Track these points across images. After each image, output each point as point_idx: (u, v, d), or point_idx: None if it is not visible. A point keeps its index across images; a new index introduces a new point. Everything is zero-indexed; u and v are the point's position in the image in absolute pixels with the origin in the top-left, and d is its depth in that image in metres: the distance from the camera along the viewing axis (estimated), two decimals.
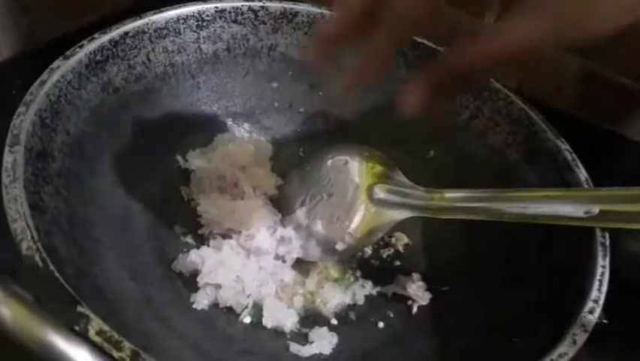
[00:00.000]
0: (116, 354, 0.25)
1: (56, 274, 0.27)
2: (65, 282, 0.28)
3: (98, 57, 0.41)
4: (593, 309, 0.32)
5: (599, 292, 0.33)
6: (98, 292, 0.33)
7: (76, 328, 0.26)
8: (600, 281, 0.34)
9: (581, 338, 0.30)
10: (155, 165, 0.45)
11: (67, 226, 0.34)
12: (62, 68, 0.38)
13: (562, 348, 0.30)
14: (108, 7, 0.57)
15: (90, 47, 0.40)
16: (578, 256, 0.36)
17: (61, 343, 0.19)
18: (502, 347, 0.34)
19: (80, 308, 0.26)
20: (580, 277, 0.34)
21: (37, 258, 0.28)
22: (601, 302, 0.32)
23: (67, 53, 0.39)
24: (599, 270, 0.34)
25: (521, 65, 0.55)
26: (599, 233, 0.36)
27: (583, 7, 0.27)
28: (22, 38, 0.53)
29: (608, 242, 0.36)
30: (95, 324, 0.26)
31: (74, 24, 0.55)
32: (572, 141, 0.43)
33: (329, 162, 0.46)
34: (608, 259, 0.35)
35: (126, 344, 0.25)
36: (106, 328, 0.26)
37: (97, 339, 0.25)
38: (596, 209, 0.37)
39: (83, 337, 0.22)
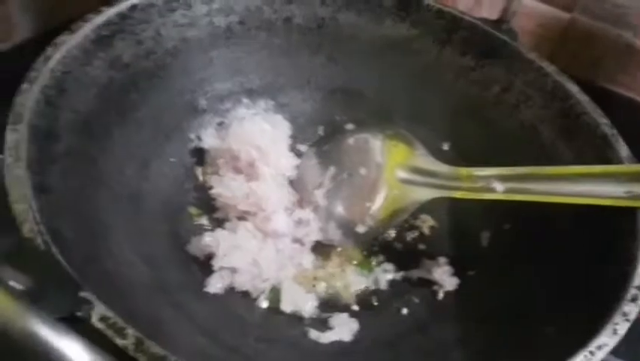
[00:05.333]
0: (119, 342, 0.24)
1: (58, 257, 0.26)
2: (70, 266, 0.26)
3: (105, 32, 0.39)
4: (636, 296, 0.29)
5: None
6: (105, 277, 0.31)
7: (79, 314, 0.24)
8: None
9: (623, 327, 0.28)
10: (168, 145, 0.44)
11: (75, 208, 0.33)
12: (68, 43, 0.36)
13: (602, 339, 0.27)
14: None
15: (96, 20, 0.38)
16: (619, 238, 0.33)
17: (47, 334, 0.17)
18: (533, 336, 0.32)
19: (82, 293, 0.25)
20: (620, 261, 0.32)
21: (39, 240, 0.26)
22: None
23: (73, 27, 0.37)
24: None
25: None
26: None
27: None
28: (41, 18, 0.52)
29: None
30: (99, 310, 0.24)
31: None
32: (611, 117, 0.40)
33: (349, 141, 0.44)
34: None
35: (130, 331, 0.24)
36: (109, 314, 0.24)
37: (100, 325, 0.24)
38: (638, 188, 0.35)
39: (76, 326, 0.21)
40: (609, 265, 0.32)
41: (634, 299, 0.29)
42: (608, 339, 0.27)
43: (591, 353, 0.27)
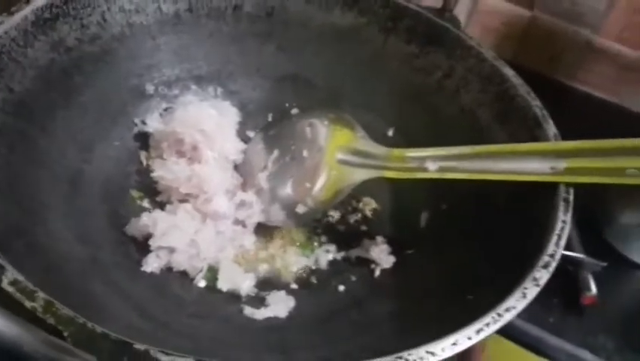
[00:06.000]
0: (28, 304, 0.24)
1: None
2: None
3: (47, 14, 0.39)
4: (548, 263, 0.30)
5: (556, 247, 0.31)
6: (35, 251, 0.32)
7: None
8: (559, 236, 0.32)
9: (532, 292, 0.29)
10: (113, 129, 0.44)
11: (6, 184, 0.33)
12: (5, 24, 0.37)
13: (510, 302, 0.28)
14: None
15: (37, 3, 0.39)
16: (540, 211, 0.34)
17: None
18: (456, 306, 0.33)
19: None
20: (540, 232, 0.33)
21: None
22: (557, 257, 0.31)
23: (13, 9, 0.38)
24: (559, 225, 0.33)
25: None
26: (562, 188, 0.35)
27: None
28: None
29: (571, 198, 0.34)
30: (10, 274, 0.25)
31: None
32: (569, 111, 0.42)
33: (293, 125, 0.45)
34: (569, 214, 0.33)
35: (40, 295, 0.24)
36: (20, 278, 0.25)
37: (10, 289, 0.24)
38: (562, 164, 0.36)
39: None
40: (530, 237, 0.33)
41: (545, 266, 0.30)
42: (516, 302, 0.28)
43: (499, 315, 0.28)
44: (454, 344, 0.26)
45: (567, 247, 0.51)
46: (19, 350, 0.17)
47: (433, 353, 0.25)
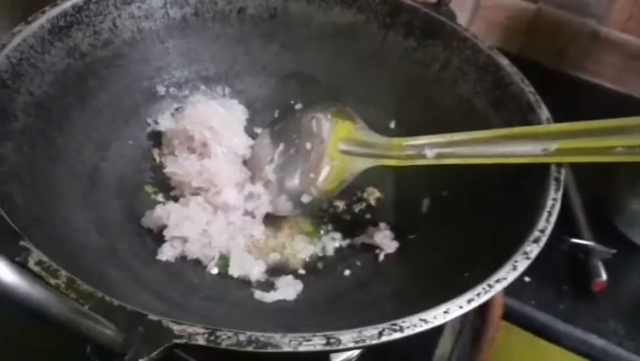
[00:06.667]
0: (52, 281, 0.26)
1: (2, 213, 0.29)
2: (15, 223, 0.29)
3: (61, 22, 0.42)
4: (539, 238, 0.32)
5: (546, 223, 0.33)
6: (55, 239, 0.34)
7: (17, 259, 0.27)
8: (549, 213, 0.33)
9: (522, 264, 0.30)
10: (126, 128, 0.46)
11: (29, 179, 0.36)
12: (24, 33, 0.39)
13: (500, 274, 0.30)
14: None
15: (52, 12, 0.41)
16: (533, 190, 0.36)
17: None
18: (454, 283, 0.34)
19: (21, 242, 0.28)
20: (531, 209, 0.34)
21: None
22: (547, 232, 0.32)
23: (30, 18, 0.40)
24: (550, 202, 0.34)
25: None
26: (553, 168, 0.36)
27: None
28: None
29: (562, 177, 0.36)
30: (35, 255, 0.27)
31: None
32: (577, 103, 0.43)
33: (297, 120, 0.47)
34: (560, 192, 0.35)
35: (63, 273, 0.27)
36: (44, 258, 0.27)
37: (36, 268, 0.27)
38: (553, 146, 0.37)
39: None
40: (521, 213, 0.35)
41: (536, 240, 0.32)
42: (507, 274, 0.30)
43: (490, 285, 0.29)
44: (445, 312, 0.28)
45: (577, 235, 0.53)
46: (46, 312, 0.19)
47: (425, 321, 0.27)
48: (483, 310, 0.48)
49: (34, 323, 0.21)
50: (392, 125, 0.50)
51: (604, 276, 0.50)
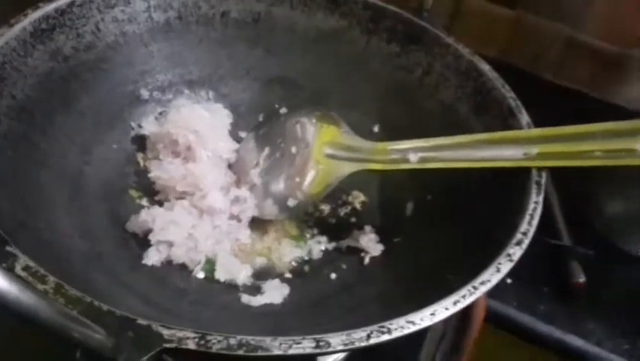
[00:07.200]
0: (40, 287, 0.26)
1: None
2: (1, 230, 0.29)
3: (44, 25, 0.41)
4: (521, 240, 0.33)
5: (528, 226, 0.34)
6: (40, 244, 0.34)
7: (4, 265, 0.27)
8: (531, 216, 0.34)
9: (506, 267, 0.31)
10: (110, 132, 0.46)
11: (13, 183, 0.35)
12: (6, 36, 0.39)
13: (484, 276, 0.30)
14: None
15: (35, 15, 0.41)
16: (515, 193, 0.37)
17: None
18: (438, 287, 0.35)
19: (7, 248, 0.27)
20: (514, 213, 0.35)
21: None
22: (530, 235, 0.33)
23: (12, 21, 0.40)
24: (532, 205, 0.35)
25: None
26: (535, 172, 0.37)
27: None
28: None
29: (543, 181, 0.37)
30: (22, 261, 0.27)
31: None
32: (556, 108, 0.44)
33: (282, 124, 0.47)
34: (541, 196, 0.36)
35: (51, 278, 0.26)
36: (32, 264, 0.27)
37: (23, 274, 0.26)
38: (534, 150, 0.38)
39: None
40: (504, 217, 0.36)
41: (519, 243, 0.32)
42: (490, 276, 0.30)
43: (474, 287, 0.30)
44: (432, 314, 0.28)
45: (556, 237, 0.54)
46: (35, 317, 0.19)
47: (412, 323, 0.28)
48: (466, 311, 0.49)
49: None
50: (376, 129, 0.51)
51: (583, 277, 0.51)
